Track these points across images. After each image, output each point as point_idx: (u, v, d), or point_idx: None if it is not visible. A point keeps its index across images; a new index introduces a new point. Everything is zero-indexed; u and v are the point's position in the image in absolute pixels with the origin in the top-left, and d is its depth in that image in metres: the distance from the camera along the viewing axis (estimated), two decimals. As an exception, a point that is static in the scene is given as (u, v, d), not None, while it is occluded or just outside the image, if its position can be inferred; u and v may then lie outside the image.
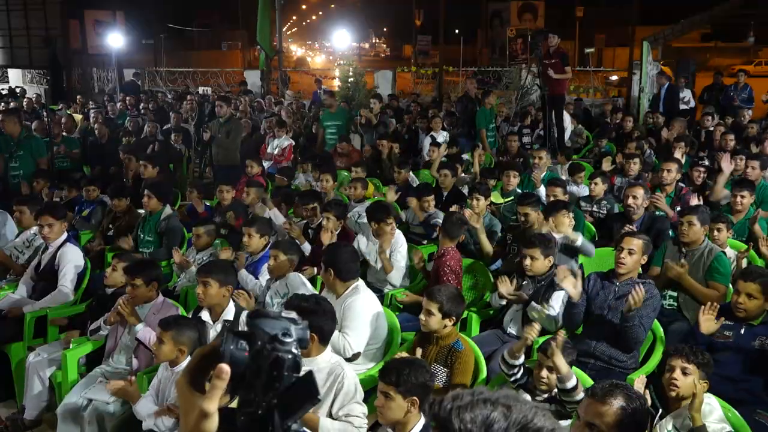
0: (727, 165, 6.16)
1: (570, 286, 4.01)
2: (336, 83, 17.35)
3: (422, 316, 3.75)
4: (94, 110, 13.35)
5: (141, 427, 3.50)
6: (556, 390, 3.29)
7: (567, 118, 10.57)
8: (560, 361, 3.20)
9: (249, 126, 11.25)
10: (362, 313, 4.05)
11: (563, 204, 5.37)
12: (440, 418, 1.17)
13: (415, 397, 2.88)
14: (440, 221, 6.11)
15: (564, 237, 5.02)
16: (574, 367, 3.52)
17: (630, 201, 5.59)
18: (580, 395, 3.17)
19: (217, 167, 8.82)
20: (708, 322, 3.74)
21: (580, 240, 4.96)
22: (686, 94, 12.27)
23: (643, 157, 8.02)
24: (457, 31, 30.42)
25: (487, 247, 5.52)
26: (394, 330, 4.25)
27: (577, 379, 3.25)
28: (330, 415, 3.17)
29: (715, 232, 4.99)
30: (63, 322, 4.81)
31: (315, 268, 5.26)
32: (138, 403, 3.47)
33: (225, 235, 6.12)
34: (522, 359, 3.47)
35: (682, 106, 12.03)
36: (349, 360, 3.91)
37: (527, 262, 4.42)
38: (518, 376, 3.48)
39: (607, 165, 7.93)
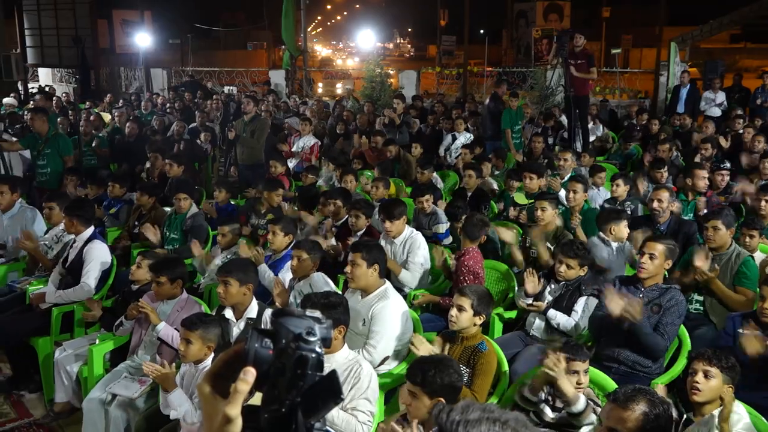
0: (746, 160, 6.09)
1: (615, 306, 3.76)
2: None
3: (453, 312, 3.74)
4: (118, 109, 13.52)
5: (164, 424, 3.54)
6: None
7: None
8: (565, 385, 3.12)
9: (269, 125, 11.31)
10: (392, 319, 4.04)
11: (617, 212, 5.31)
12: (446, 429, 1.16)
13: (441, 398, 2.88)
14: (442, 226, 6.10)
15: (621, 245, 5.00)
16: (596, 371, 3.49)
17: (655, 204, 5.52)
18: (590, 418, 3.12)
19: (242, 166, 8.88)
20: (751, 341, 3.55)
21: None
22: (719, 96, 12.05)
23: (670, 160, 7.94)
24: (482, 31, 30.29)
25: (519, 258, 5.40)
26: (417, 330, 4.24)
27: (587, 402, 3.16)
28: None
29: (747, 239, 4.91)
30: (92, 318, 4.88)
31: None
32: (174, 392, 3.50)
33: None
34: (544, 395, 3.33)
35: (715, 109, 11.82)
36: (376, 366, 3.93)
37: (562, 268, 4.38)
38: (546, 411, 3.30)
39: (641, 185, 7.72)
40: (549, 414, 3.27)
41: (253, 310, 4.09)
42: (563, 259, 4.39)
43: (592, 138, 10.41)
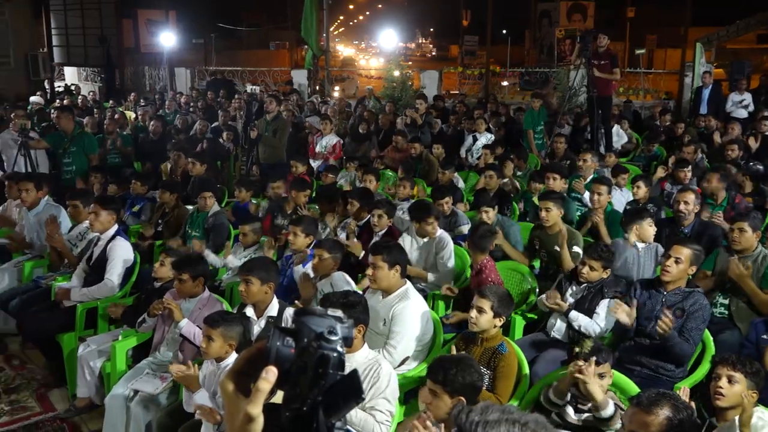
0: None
1: (624, 317, 3.89)
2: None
3: (473, 314, 3.72)
4: (143, 107, 13.66)
5: (186, 420, 3.57)
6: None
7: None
8: (595, 389, 3.08)
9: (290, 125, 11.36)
10: (412, 319, 4.04)
11: (640, 212, 5.23)
12: (464, 429, 1.16)
13: (462, 397, 2.87)
14: (465, 228, 6.07)
15: (648, 246, 4.96)
16: (618, 374, 3.46)
17: (681, 207, 5.44)
18: (618, 424, 3.09)
19: (264, 165, 8.92)
20: None
21: None
22: (746, 97, 11.87)
23: (695, 162, 7.85)
24: (504, 31, 30.17)
25: (518, 258, 5.41)
26: (438, 331, 4.24)
27: (615, 407, 3.12)
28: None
29: None
30: (115, 314, 4.94)
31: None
32: (198, 393, 3.53)
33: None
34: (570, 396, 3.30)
35: (741, 110, 11.66)
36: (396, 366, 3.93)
37: (585, 270, 4.34)
38: (569, 413, 3.28)
39: (661, 172, 7.74)
40: (572, 416, 3.25)
41: (273, 309, 4.11)
42: (587, 260, 4.35)
43: (619, 143, 10.29)
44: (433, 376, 2.94)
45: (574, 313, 4.26)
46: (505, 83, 18.86)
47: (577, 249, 5.16)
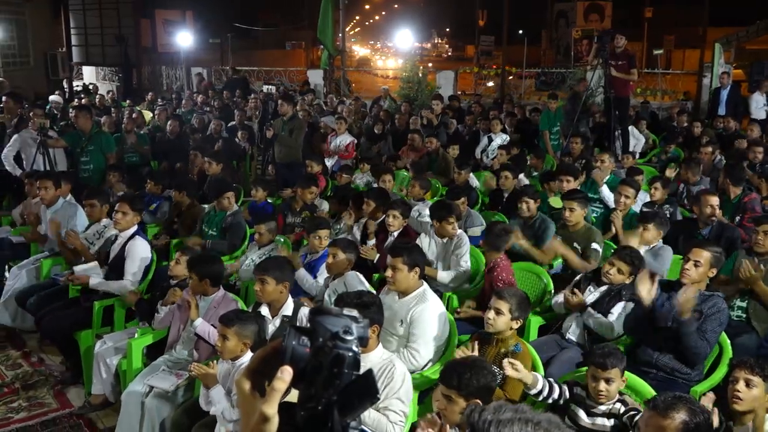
0: None
1: (645, 290, 3.83)
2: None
3: (490, 315, 3.71)
4: (160, 107, 13.75)
5: (201, 417, 3.59)
6: (615, 405, 3.20)
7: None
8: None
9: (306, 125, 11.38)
10: (431, 321, 4.04)
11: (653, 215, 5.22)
12: (477, 429, 1.15)
13: (478, 399, 2.87)
14: (477, 229, 6.06)
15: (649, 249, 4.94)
16: (633, 377, 3.43)
17: (709, 211, 5.37)
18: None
19: (279, 165, 8.95)
20: None
21: None
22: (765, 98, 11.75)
23: (712, 163, 7.79)
24: (521, 31, 30.03)
25: (539, 256, 5.37)
26: (453, 332, 4.23)
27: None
28: None
29: None
30: (130, 302, 4.99)
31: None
32: (214, 388, 3.55)
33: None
34: (539, 385, 3.30)
35: (761, 111, 11.53)
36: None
37: (612, 270, 4.28)
38: (546, 396, 3.31)
39: (671, 173, 7.68)
40: (584, 419, 3.23)
41: (288, 308, 4.12)
42: (616, 261, 4.30)
43: (638, 146, 10.20)
44: (447, 381, 2.92)
45: (589, 311, 4.24)
46: (521, 81, 18.77)
47: (596, 246, 5.14)
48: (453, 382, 2.89)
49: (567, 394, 3.32)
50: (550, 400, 3.31)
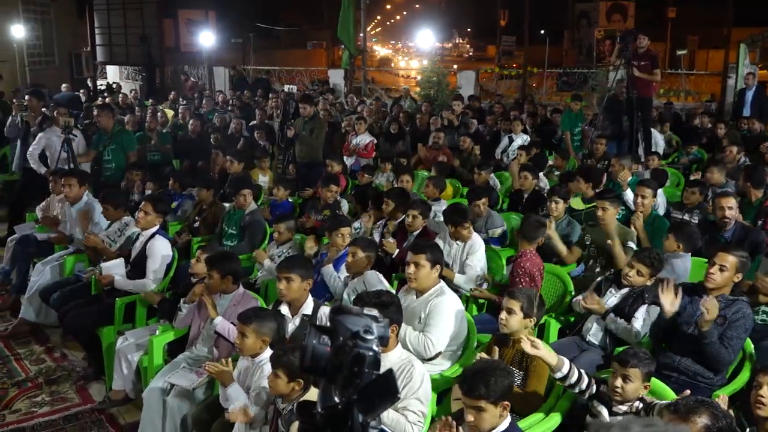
0: None
1: (668, 301, 3.81)
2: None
3: (503, 315, 3.71)
4: (183, 106, 13.85)
5: (221, 414, 3.61)
6: (637, 403, 3.17)
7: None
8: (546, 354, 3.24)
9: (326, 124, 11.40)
10: (448, 314, 4.05)
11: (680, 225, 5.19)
12: None
13: (506, 401, 2.88)
14: (498, 230, 6.04)
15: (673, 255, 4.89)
16: (655, 380, 3.40)
17: (727, 213, 5.29)
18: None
19: (300, 164, 8.98)
20: None
21: None
22: None
23: (737, 165, 7.67)
24: (542, 31, 29.84)
25: (562, 249, 5.42)
26: (471, 332, 4.22)
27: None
28: None
29: None
30: (153, 300, 5.03)
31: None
32: (231, 386, 3.57)
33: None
34: (565, 368, 3.28)
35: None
36: (428, 360, 3.92)
37: (632, 273, 4.25)
38: (574, 383, 3.28)
39: (695, 175, 7.58)
40: (606, 418, 3.21)
41: (308, 307, 4.13)
42: (635, 263, 4.27)
43: (658, 149, 10.08)
44: (474, 392, 2.86)
45: (611, 316, 4.20)
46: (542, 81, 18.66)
47: (631, 245, 5.16)
48: (480, 391, 2.85)
49: (594, 388, 3.29)
50: (577, 389, 3.29)
